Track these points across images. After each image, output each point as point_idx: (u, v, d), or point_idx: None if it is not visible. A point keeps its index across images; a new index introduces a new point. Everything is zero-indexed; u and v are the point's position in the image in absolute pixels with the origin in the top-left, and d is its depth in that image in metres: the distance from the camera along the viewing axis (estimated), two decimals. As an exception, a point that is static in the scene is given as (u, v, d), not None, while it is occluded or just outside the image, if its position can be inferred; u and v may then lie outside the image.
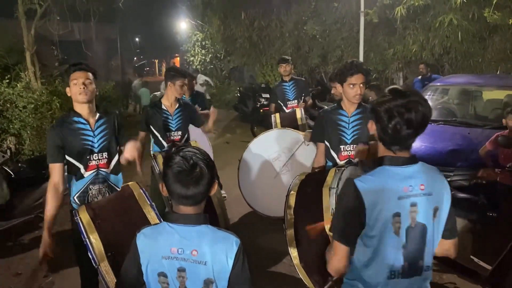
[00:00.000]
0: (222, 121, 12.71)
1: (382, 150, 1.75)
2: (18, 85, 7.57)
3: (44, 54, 12.34)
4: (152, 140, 4.04)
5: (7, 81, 7.42)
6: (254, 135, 10.50)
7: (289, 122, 5.16)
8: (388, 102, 1.65)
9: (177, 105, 4.01)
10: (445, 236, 1.77)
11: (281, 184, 4.53)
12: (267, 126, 9.00)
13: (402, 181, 1.67)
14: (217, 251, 1.59)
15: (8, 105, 7.13)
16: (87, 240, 2.10)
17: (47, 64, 11.84)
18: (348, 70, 2.93)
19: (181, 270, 1.59)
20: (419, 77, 8.97)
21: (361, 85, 2.95)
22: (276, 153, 4.63)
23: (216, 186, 1.69)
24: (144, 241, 1.64)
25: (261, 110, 10.74)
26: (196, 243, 1.59)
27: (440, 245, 1.78)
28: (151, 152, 4.01)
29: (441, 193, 1.72)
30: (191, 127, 4.19)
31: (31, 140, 7.10)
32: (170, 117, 3.96)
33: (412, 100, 1.62)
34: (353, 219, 1.67)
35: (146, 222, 2.24)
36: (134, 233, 1.65)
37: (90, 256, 2.06)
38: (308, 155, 4.29)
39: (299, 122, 5.16)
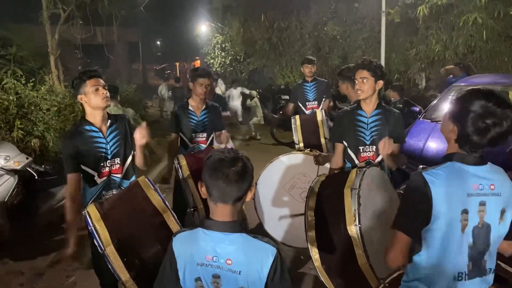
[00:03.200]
0: (242, 123, 12.70)
1: (452, 147, 1.72)
2: (42, 88, 7.74)
3: (68, 57, 12.59)
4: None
5: (32, 84, 7.58)
6: (274, 137, 10.49)
7: (310, 125, 5.05)
8: (477, 105, 1.62)
9: (204, 106, 3.99)
10: (508, 237, 1.74)
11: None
12: (287, 128, 8.91)
13: (472, 178, 1.63)
14: (252, 261, 1.55)
15: (33, 108, 7.26)
16: (92, 228, 2.12)
17: (70, 68, 12.08)
18: (354, 67, 3.11)
19: (216, 276, 1.58)
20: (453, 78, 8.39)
21: (364, 80, 2.95)
22: (290, 182, 4.10)
23: (252, 194, 1.63)
24: (179, 246, 1.62)
25: (280, 112, 10.67)
26: (231, 252, 1.56)
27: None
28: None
29: (509, 195, 1.68)
30: None
31: (55, 142, 7.19)
32: (196, 118, 3.94)
33: (502, 103, 1.61)
34: (418, 210, 1.63)
35: (151, 206, 2.24)
36: (139, 217, 1.61)
37: (96, 243, 2.08)
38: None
39: (320, 125, 5.00)
